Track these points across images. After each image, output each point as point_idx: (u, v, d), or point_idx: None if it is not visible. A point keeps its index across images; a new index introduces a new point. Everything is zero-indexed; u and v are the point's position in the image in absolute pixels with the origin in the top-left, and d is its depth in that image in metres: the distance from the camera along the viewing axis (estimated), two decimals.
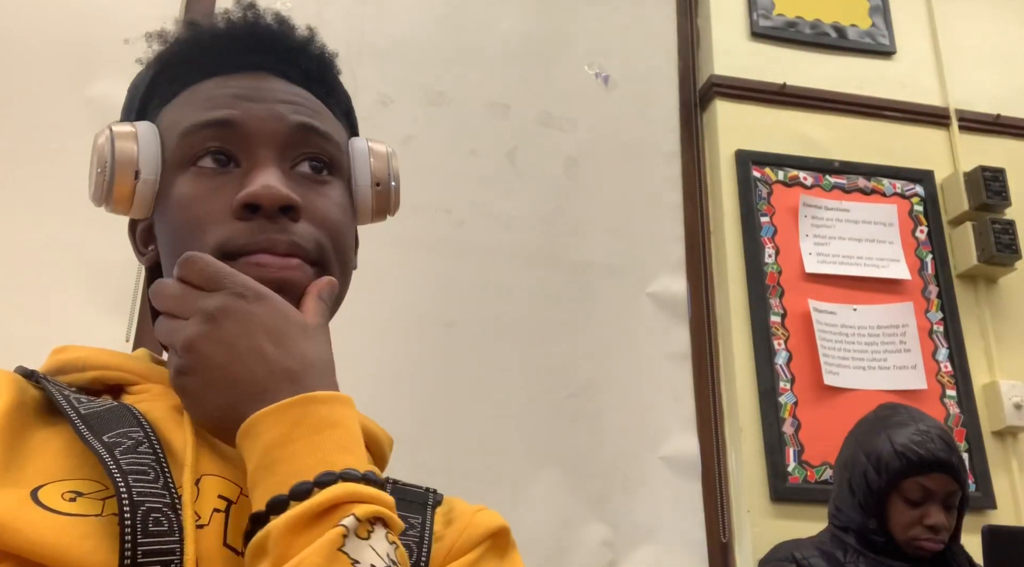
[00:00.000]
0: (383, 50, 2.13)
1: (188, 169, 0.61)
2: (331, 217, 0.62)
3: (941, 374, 2.14)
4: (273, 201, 0.58)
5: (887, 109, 2.41)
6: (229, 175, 0.61)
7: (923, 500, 1.42)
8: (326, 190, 0.63)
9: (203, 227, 0.59)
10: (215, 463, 0.54)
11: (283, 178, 0.60)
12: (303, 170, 0.63)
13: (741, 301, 2.11)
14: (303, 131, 0.63)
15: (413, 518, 0.62)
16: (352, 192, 0.68)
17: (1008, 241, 2.22)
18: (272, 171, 0.60)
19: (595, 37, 2.31)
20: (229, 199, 0.59)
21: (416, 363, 1.89)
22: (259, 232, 0.58)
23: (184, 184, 0.61)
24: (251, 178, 0.59)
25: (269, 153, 0.61)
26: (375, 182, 0.69)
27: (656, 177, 2.23)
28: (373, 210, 0.70)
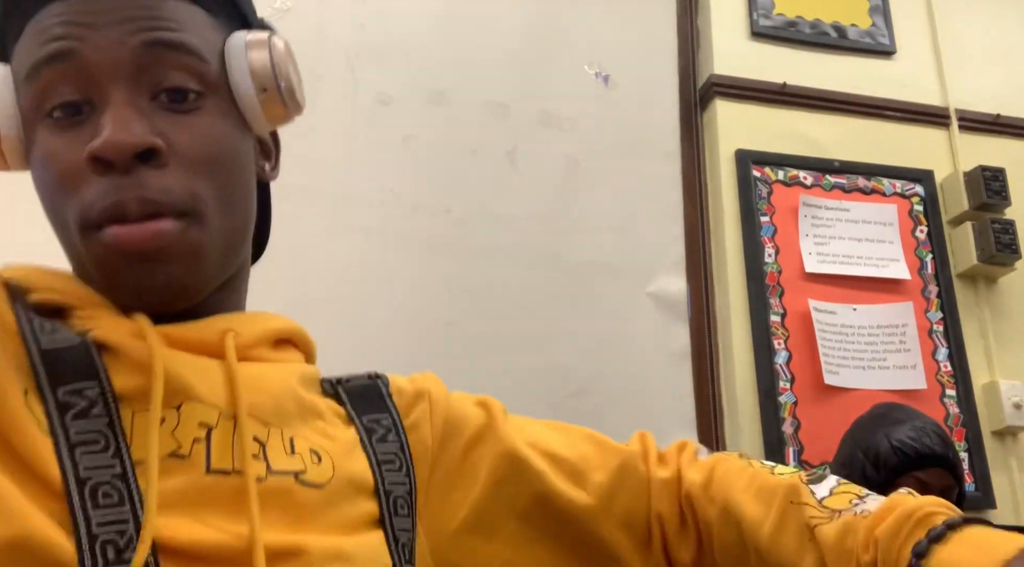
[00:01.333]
0: (383, 50, 2.13)
1: (43, 121, 0.54)
2: (205, 152, 0.54)
3: (941, 374, 2.14)
4: (120, 153, 0.50)
5: (887, 109, 2.41)
6: (85, 123, 0.53)
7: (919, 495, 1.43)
8: (196, 118, 0.55)
9: (63, 192, 0.53)
10: (193, 383, 0.53)
11: (138, 116, 0.52)
12: (164, 100, 0.54)
13: (741, 301, 2.11)
14: (153, 51, 0.53)
15: (383, 417, 0.63)
16: (236, 103, 0.58)
17: (1008, 241, 2.22)
18: (122, 110, 0.52)
19: (595, 37, 2.31)
20: (79, 157, 0.52)
21: (415, 362, 1.88)
22: (112, 194, 0.51)
23: (41, 140, 0.54)
24: (101, 122, 0.51)
25: (119, 86, 0.52)
26: (261, 88, 0.58)
27: (656, 177, 2.23)
28: (268, 118, 0.60)
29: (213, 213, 0.55)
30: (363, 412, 0.63)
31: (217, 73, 0.57)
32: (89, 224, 0.52)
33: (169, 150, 0.53)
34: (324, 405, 0.62)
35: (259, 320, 0.62)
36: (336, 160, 1.99)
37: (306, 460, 0.55)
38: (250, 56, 0.58)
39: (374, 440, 0.61)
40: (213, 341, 0.56)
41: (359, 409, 0.63)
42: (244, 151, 0.59)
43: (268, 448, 0.54)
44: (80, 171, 0.52)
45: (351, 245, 1.92)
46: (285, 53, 0.60)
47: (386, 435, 0.62)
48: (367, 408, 0.64)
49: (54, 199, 0.54)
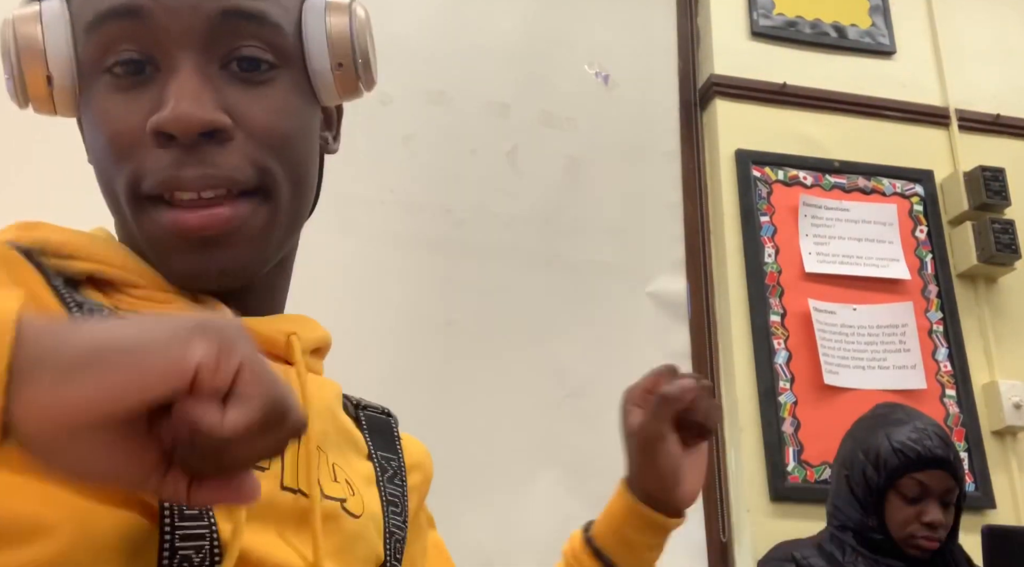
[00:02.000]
0: (383, 49, 2.11)
1: (101, 75, 0.50)
2: (277, 127, 0.51)
3: (941, 374, 2.14)
4: (188, 129, 0.47)
5: (887, 109, 2.41)
6: (147, 84, 0.49)
7: (920, 497, 1.43)
8: (268, 91, 0.52)
9: (117, 157, 0.49)
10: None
11: (207, 87, 0.49)
12: (235, 69, 0.51)
13: (741, 300, 2.11)
14: (230, 19, 0.50)
15: (392, 458, 0.62)
16: (309, 77, 0.55)
17: (1008, 241, 2.22)
18: (191, 80, 0.48)
19: (595, 37, 2.31)
20: (148, 112, 0.48)
21: (415, 362, 1.89)
22: (172, 168, 0.48)
23: (98, 95, 0.50)
24: (168, 91, 0.48)
25: (188, 54, 0.49)
26: (336, 63, 0.55)
27: (656, 177, 2.23)
28: (340, 93, 0.57)
29: (283, 191, 0.52)
30: (378, 447, 0.62)
31: (292, 43, 0.53)
32: (140, 195, 0.49)
33: (237, 125, 0.49)
34: (351, 430, 0.60)
35: (310, 325, 0.59)
36: (335, 159, 1.98)
37: (345, 489, 0.54)
38: (329, 24, 0.54)
39: (385, 479, 0.60)
40: (279, 342, 0.54)
41: (375, 443, 0.62)
42: (313, 125, 0.57)
43: (320, 471, 0.53)
44: (138, 137, 0.48)
45: (351, 245, 1.92)
46: (366, 23, 0.57)
47: (394, 476, 0.61)
48: (381, 444, 0.62)
49: (105, 162, 0.50)
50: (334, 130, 0.65)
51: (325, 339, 0.61)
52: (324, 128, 0.62)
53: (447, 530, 1.99)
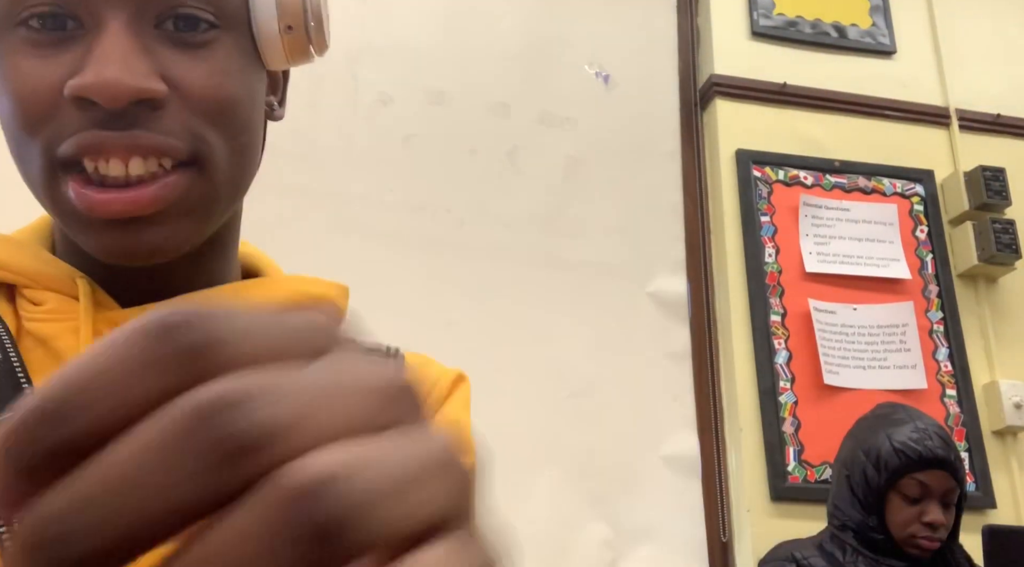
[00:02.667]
0: (383, 49, 2.13)
1: (15, 28, 0.44)
2: (216, 93, 0.46)
3: (941, 373, 2.14)
4: (114, 98, 0.42)
5: (887, 109, 2.41)
6: (68, 42, 0.44)
7: (921, 497, 1.43)
8: (207, 53, 0.46)
9: (30, 121, 0.44)
10: None
11: (138, 49, 0.43)
12: (170, 28, 0.45)
13: (741, 300, 2.11)
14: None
15: None
16: (254, 38, 0.50)
17: (1008, 241, 2.22)
18: (119, 41, 0.43)
19: (595, 37, 2.31)
20: (66, 73, 0.43)
21: None
22: (94, 127, 0.43)
23: (9, 52, 0.44)
24: (91, 52, 0.42)
25: (117, 11, 0.43)
26: (285, 25, 0.50)
27: (656, 177, 2.23)
28: (288, 57, 0.52)
29: (221, 161, 0.47)
30: None
31: (237, 2, 0.48)
32: (55, 163, 0.44)
33: (172, 91, 0.44)
34: None
35: (240, 295, 0.53)
36: (336, 160, 1.99)
37: None
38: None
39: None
40: None
41: None
42: (257, 90, 0.51)
43: None
44: (55, 100, 0.43)
45: (351, 244, 1.92)
46: None
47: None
48: None
49: (15, 129, 0.45)
50: (279, 94, 0.58)
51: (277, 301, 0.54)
52: (269, 92, 0.56)
53: None
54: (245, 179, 0.52)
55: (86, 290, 0.47)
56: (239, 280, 0.57)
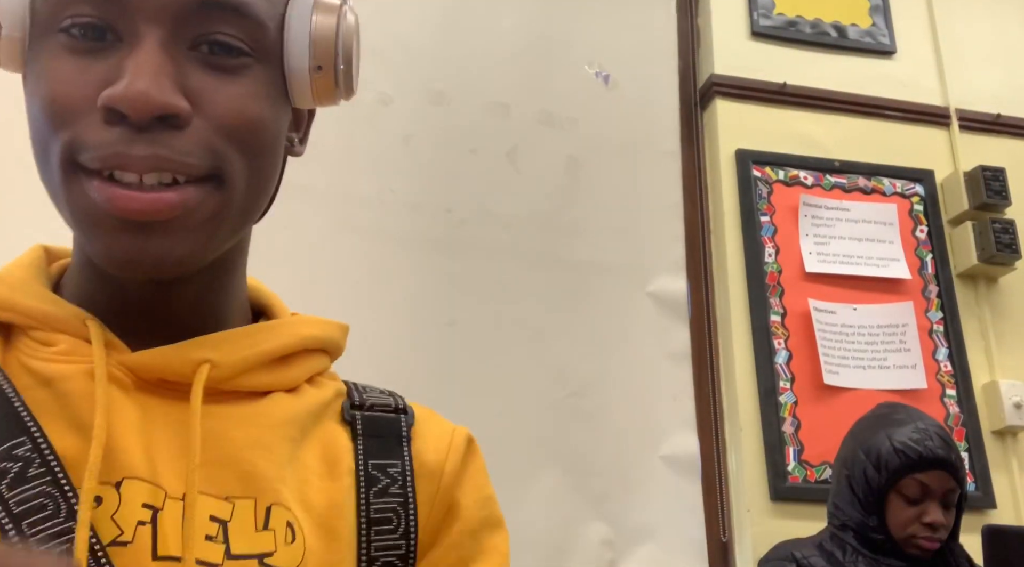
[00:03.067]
0: (383, 49, 2.13)
1: (55, 34, 0.46)
2: (239, 116, 0.48)
3: (941, 374, 2.14)
4: (141, 111, 0.44)
5: (887, 108, 2.41)
6: (105, 51, 0.46)
7: (921, 498, 1.43)
8: (237, 79, 0.48)
9: (58, 119, 0.45)
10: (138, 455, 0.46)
11: (169, 67, 0.45)
12: (204, 51, 0.47)
13: (741, 300, 2.11)
14: (208, 8, 0.47)
15: (392, 465, 0.55)
16: (284, 74, 0.51)
17: (1008, 241, 2.22)
18: (153, 57, 0.45)
19: (595, 36, 2.31)
20: (100, 82, 0.45)
21: (416, 363, 1.89)
22: (117, 144, 0.44)
23: (47, 56, 0.46)
24: (125, 65, 0.45)
25: (154, 29, 0.46)
26: (316, 65, 0.51)
27: (656, 176, 2.23)
28: (315, 97, 0.53)
29: (239, 180, 0.48)
30: (372, 455, 0.55)
31: (273, 38, 0.50)
32: (75, 165, 0.45)
33: (196, 111, 0.46)
34: (324, 445, 0.54)
35: (251, 339, 0.53)
36: (336, 160, 1.99)
37: (278, 538, 0.48)
38: (314, 24, 0.51)
39: (372, 494, 0.54)
40: (186, 373, 0.49)
41: (368, 451, 0.56)
42: (280, 125, 0.53)
43: (231, 525, 0.47)
44: (84, 105, 0.45)
45: (351, 245, 1.92)
46: (354, 28, 0.54)
47: (390, 486, 0.54)
48: (379, 450, 0.56)
49: (42, 125, 0.46)
50: (302, 132, 0.60)
51: (294, 346, 0.55)
52: (292, 129, 0.58)
53: None
54: (259, 202, 0.52)
55: (98, 333, 0.48)
56: (245, 316, 0.58)
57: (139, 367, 0.49)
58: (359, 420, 0.57)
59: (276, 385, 0.54)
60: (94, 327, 0.49)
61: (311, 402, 0.55)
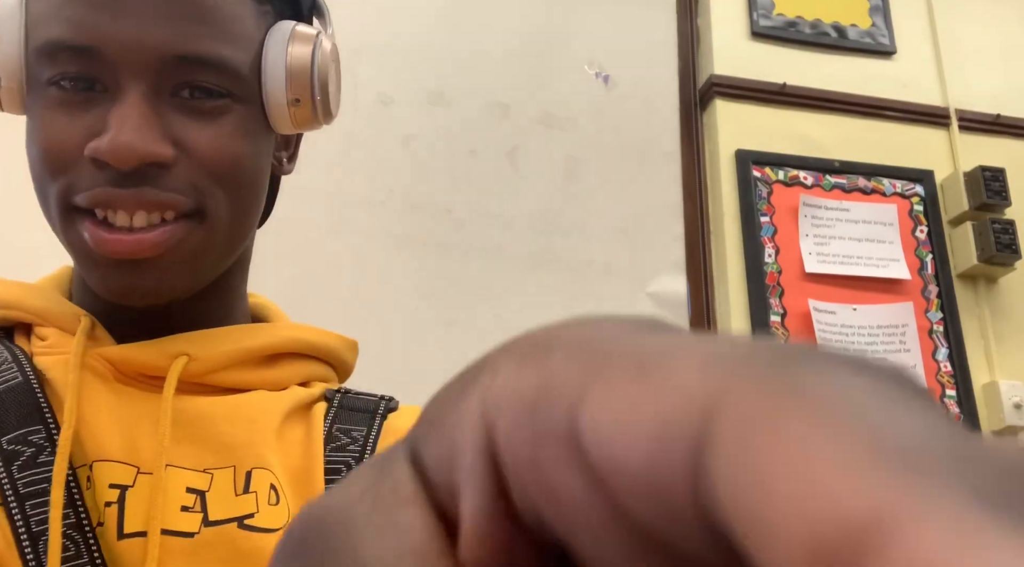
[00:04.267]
0: (383, 49, 2.13)
1: (46, 87, 0.51)
2: (222, 156, 0.51)
3: (941, 374, 2.14)
4: (126, 162, 0.48)
5: (887, 109, 2.41)
6: (93, 102, 0.50)
7: None
8: (218, 120, 0.51)
9: (52, 168, 0.50)
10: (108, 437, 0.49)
11: (151, 116, 0.49)
12: (186, 96, 0.51)
13: (741, 301, 2.11)
14: (186, 63, 0.50)
15: (357, 430, 0.57)
16: (263, 106, 0.54)
17: (1008, 241, 2.22)
18: (135, 109, 0.48)
19: (595, 37, 2.31)
20: (87, 133, 0.49)
21: (415, 364, 1.89)
22: (108, 184, 0.49)
23: (41, 106, 0.51)
24: (112, 117, 0.48)
25: (138, 83, 0.49)
26: (293, 98, 0.54)
27: (656, 177, 2.23)
28: (295, 125, 0.56)
29: (222, 215, 0.52)
30: (342, 421, 0.57)
31: (251, 76, 0.53)
32: (70, 208, 0.50)
33: (180, 153, 0.50)
34: (309, 419, 0.56)
35: (236, 337, 0.56)
36: (336, 160, 1.99)
37: (260, 500, 0.50)
38: (290, 56, 0.53)
39: (329, 449, 0.55)
40: (163, 366, 0.52)
41: (339, 418, 0.57)
42: (264, 151, 0.56)
43: (210, 494, 0.49)
44: (74, 154, 0.49)
45: (350, 245, 1.93)
46: (330, 57, 0.56)
47: (348, 445, 0.55)
48: (351, 419, 0.58)
49: (40, 172, 0.51)
50: (291, 150, 0.64)
51: (280, 345, 0.58)
52: (280, 148, 0.61)
53: None
54: (243, 231, 0.56)
55: (85, 326, 0.53)
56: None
57: (118, 359, 0.52)
58: (336, 399, 0.59)
59: (259, 384, 0.56)
60: (84, 322, 0.53)
61: (301, 394, 0.58)
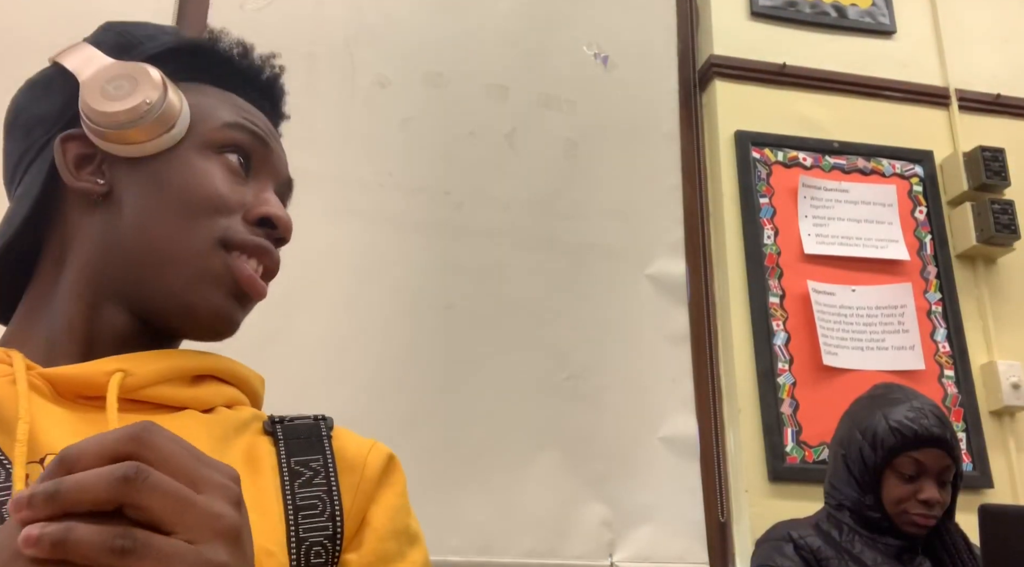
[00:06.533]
0: (381, 32, 2.12)
1: (213, 153, 0.65)
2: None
3: (939, 354, 2.14)
4: (287, 231, 0.66)
5: (887, 89, 2.40)
6: (244, 181, 0.66)
7: (917, 475, 1.44)
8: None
9: (216, 209, 0.63)
10: (61, 441, 0.52)
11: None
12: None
13: (740, 282, 2.11)
14: (290, 185, 0.72)
15: (313, 460, 0.62)
16: None
17: (1007, 221, 2.22)
18: (279, 201, 0.67)
19: (594, 18, 2.30)
20: (242, 200, 0.64)
21: (415, 346, 1.90)
22: (261, 243, 0.64)
23: (210, 164, 0.64)
24: (266, 197, 0.66)
25: (273, 184, 0.68)
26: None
27: (655, 158, 2.23)
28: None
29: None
30: (293, 453, 0.62)
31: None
32: (235, 244, 0.63)
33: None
34: (246, 450, 0.60)
35: (165, 357, 0.61)
36: (334, 143, 1.98)
37: None
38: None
39: (297, 485, 0.60)
40: (100, 384, 0.57)
41: (290, 450, 0.62)
42: None
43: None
44: (233, 208, 0.63)
45: (349, 228, 1.92)
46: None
47: (313, 478, 0.61)
48: (301, 449, 0.63)
49: (199, 208, 0.62)
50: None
51: (206, 368, 0.63)
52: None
53: (447, 511, 2.01)
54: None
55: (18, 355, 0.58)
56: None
57: (56, 378, 0.56)
58: (279, 429, 0.64)
59: (189, 402, 0.61)
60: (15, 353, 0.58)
61: (230, 417, 0.62)
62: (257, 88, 0.70)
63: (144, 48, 0.66)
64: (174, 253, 0.61)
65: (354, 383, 1.81)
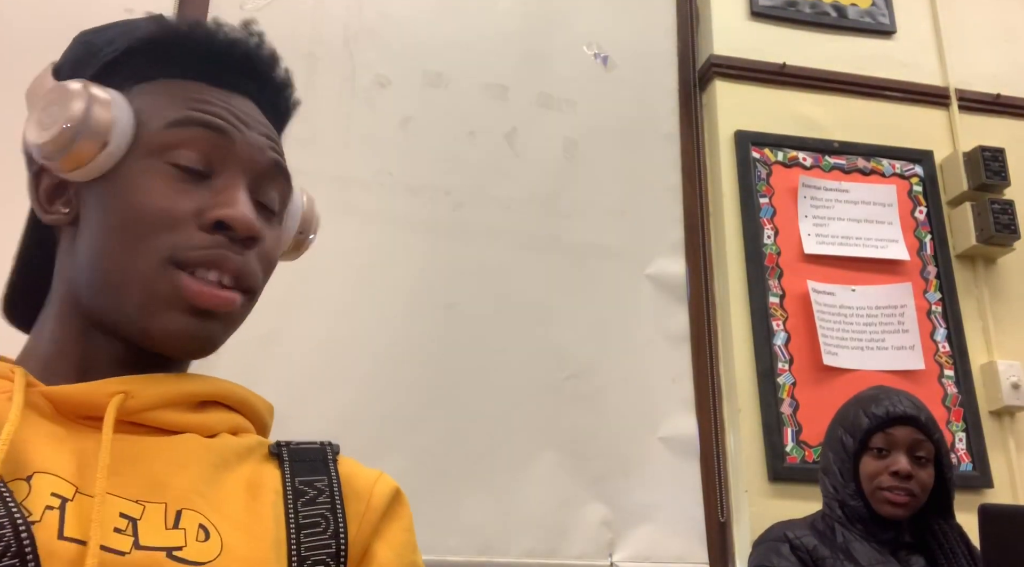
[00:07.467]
0: (381, 31, 2.12)
1: (160, 161, 0.60)
2: (273, 256, 0.65)
3: (939, 354, 2.14)
4: (247, 231, 0.60)
5: (887, 89, 2.40)
6: (200, 183, 0.60)
7: (888, 449, 1.47)
8: (274, 227, 0.66)
9: (160, 225, 0.58)
10: (51, 459, 0.53)
11: (253, 207, 0.62)
12: (263, 202, 0.64)
13: (740, 282, 2.11)
14: (276, 170, 0.65)
15: (318, 480, 0.62)
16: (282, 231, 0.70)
17: (1007, 221, 2.22)
18: (246, 197, 0.61)
19: (594, 18, 2.30)
20: (195, 207, 0.59)
21: (415, 345, 1.90)
22: (216, 246, 0.59)
23: (152, 175, 0.59)
24: (226, 197, 0.60)
25: (244, 179, 0.62)
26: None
27: (655, 158, 2.23)
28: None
29: (256, 298, 0.64)
30: (298, 474, 0.62)
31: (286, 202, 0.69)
32: (187, 262, 0.58)
33: (258, 243, 0.62)
34: (248, 477, 0.60)
35: (170, 380, 0.61)
36: (334, 143, 1.98)
37: (189, 536, 0.53)
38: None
39: (300, 504, 0.59)
40: (101, 404, 0.56)
41: (295, 471, 0.62)
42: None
43: (141, 522, 0.52)
44: (183, 219, 0.59)
45: (349, 228, 1.92)
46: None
47: (317, 497, 0.60)
48: (305, 470, 0.62)
49: (138, 228, 0.58)
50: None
51: (211, 393, 0.63)
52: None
53: (447, 511, 2.01)
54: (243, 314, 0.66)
55: (20, 372, 0.58)
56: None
57: (57, 397, 0.56)
58: (285, 452, 0.63)
59: (192, 427, 0.60)
60: (18, 370, 0.57)
61: (232, 444, 0.61)
62: (236, 65, 0.65)
63: (101, 56, 0.63)
64: (124, 279, 0.58)
65: (354, 383, 1.81)
